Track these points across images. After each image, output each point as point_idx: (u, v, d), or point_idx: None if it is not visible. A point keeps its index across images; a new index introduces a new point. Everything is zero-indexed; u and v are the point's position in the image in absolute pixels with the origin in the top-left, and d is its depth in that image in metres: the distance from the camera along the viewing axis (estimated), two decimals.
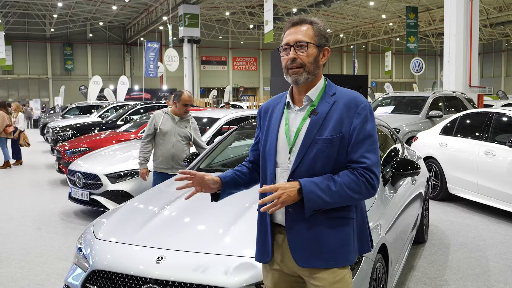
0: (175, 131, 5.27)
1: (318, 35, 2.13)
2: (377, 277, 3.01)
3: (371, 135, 2.06)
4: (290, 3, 34.18)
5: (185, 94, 5.31)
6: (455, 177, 7.28)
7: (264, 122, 2.25)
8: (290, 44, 2.12)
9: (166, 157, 5.24)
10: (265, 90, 48.28)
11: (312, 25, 2.14)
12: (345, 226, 2.08)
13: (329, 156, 2.04)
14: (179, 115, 5.33)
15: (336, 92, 2.13)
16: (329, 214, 2.05)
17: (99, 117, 16.00)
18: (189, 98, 5.32)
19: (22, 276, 4.67)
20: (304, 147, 2.06)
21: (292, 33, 2.13)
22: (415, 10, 27.71)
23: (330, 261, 2.06)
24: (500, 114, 6.94)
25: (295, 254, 2.08)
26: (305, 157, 2.05)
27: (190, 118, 5.43)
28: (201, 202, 3.56)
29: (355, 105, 2.07)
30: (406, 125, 10.07)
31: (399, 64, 55.69)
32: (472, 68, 13.20)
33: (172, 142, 5.24)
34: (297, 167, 2.06)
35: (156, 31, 41.98)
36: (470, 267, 4.76)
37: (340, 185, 1.99)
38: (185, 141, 5.32)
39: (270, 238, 2.15)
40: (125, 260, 2.82)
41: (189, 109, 5.35)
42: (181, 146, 5.28)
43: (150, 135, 5.33)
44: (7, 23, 39.71)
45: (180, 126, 5.31)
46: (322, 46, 2.15)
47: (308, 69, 2.10)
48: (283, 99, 2.23)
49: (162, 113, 5.35)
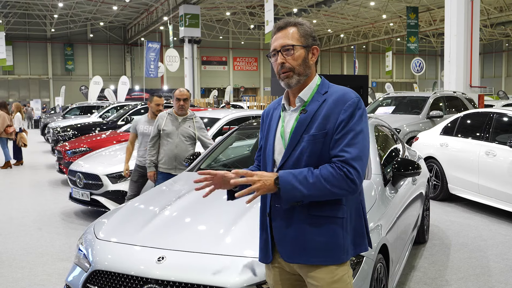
0: (178, 131, 5.23)
1: (304, 35, 2.13)
2: (378, 277, 3.01)
3: (354, 129, 2.01)
4: (291, 3, 34.19)
5: (177, 90, 5.34)
6: (456, 177, 7.28)
7: (265, 126, 2.30)
8: (277, 49, 2.12)
9: (170, 158, 5.22)
10: (265, 90, 48.27)
11: (297, 27, 2.13)
12: (331, 224, 2.06)
13: (312, 152, 2.05)
14: (180, 113, 5.29)
15: (328, 90, 2.13)
16: (312, 212, 2.05)
17: (99, 117, 16.01)
18: (180, 93, 5.26)
19: (23, 277, 4.67)
20: (291, 145, 2.09)
21: (278, 38, 2.14)
22: (416, 10, 27.71)
23: (313, 259, 2.06)
24: (501, 114, 6.94)
25: (280, 249, 2.13)
26: (291, 154, 2.09)
27: (194, 117, 5.38)
28: (202, 203, 3.57)
29: (343, 102, 2.05)
30: (407, 125, 10.06)
31: (400, 64, 55.71)
32: (472, 68, 13.20)
33: (175, 143, 5.21)
34: (284, 164, 2.10)
35: (156, 31, 42.02)
36: (471, 267, 4.75)
37: (317, 177, 1.97)
38: (189, 141, 5.26)
39: (270, 238, 2.17)
40: (126, 260, 2.82)
41: (184, 104, 5.24)
42: (185, 146, 5.23)
43: (154, 137, 5.31)
44: (8, 23, 39.75)
45: (184, 126, 5.27)
46: (310, 46, 2.14)
47: (298, 72, 2.11)
48: (281, 102, 2.26)
49: (166, 114, 5.33)
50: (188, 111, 5.38)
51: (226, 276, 2.56)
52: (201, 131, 5.35)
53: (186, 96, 5.27)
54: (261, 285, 2.51)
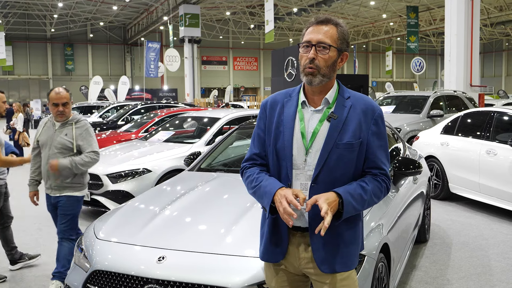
0: (51, 141, 4.12)
1: (341, 38, 2.08)
2: (379, 276, 3.01)
3: (385, 142, 2.12)
4: (291, 2, 34.17)
5: (53, 91, 4.15)
6: (457, 176, 7.27)
7: (272, 117, 2.15)
8: (312, 43, 2.05)
9: (44, 176, 4.22)
10: (266, 90, 48.29)
11: (337, 27, 2.08)
12: (357, 226, 2.14)
13: (349, 160, 2.05)
14: (59, 120, 4.17)
15: (350, 95, 2.12)
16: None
17: (99, 117, 16.02)
18: (57, 96, 4.10)
19: (22, 277, 4.67)
20: (326, 151, 2.03)
21: (315, 32, 2.06)
22: (416, 10, 27.71)
23: (349, 263, 2.10)
24: (501, 113, 6.93)
25: (319, 259, 2.07)
26: (327, 161, 2.03)
27: (76, 121, 4.18)
28: (202, 202, 3.56)
29: (372, 111, 2.09)
30: (407, 124, 10.06)
31: (400, 64, 55.70)
32: (473, 67, 13.20)
33: (47, 156, 4.13)
34: (320, 171, 2.04)
35: (156, 31, 42.02)
36: (472, 266, 4.74)
37: (369, 194, 2.04)
38: (65, 153, 4.08)
39: (287, 239, 2.12)
40: (126, 260, 2.81)
41: (64, 110, 4.11)
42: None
43: (34, 149, 4.31)
44: (8, 23, 39.76)
45: (58, 135, 4.12)
46: (342, 51, 2.10)
47: (323, 72, 2.05)
48: (294, 96, 2.16)
49: (47, 120, 4.29)
50: (71, 115, 4.23)
51: (227, 275, 2.55)
52: (82, 139, 4.14)
53: (65, 99, 4.12)
54: (262, 284, 2.50)
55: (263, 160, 2.20)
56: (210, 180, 4.04)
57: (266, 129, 2.18)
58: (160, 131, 8.45)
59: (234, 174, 4.19)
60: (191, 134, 8.27)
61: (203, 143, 7.28)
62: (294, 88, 2.20)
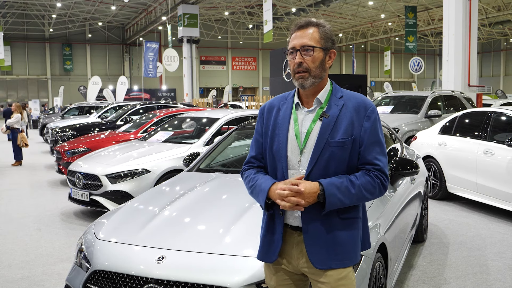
0: None
1: (324, 38, 2.14)
2: (377, 276, 3.03)
3: (380, 137, 2.13)
4: (289, 2, 34.18)
5: None
6: (454, 176, 7.30)
7: (269, 120, 2.23)
8: (296, 48, 2.12)
9: None
10: (264, 90, 48.26)
11: (318, 28, 2.14)
12: (355, 225, 2.15)
13: (342, 158, 2.08)
14: None
15: (344, 94, 2.16)
16: (342, 215, 2.10)
17: (98, 117, 16.00)
18: None
19: (22, 277, 4.68)
20: (318, 149, 2.08)
21: (298, 37, 2.13)
22: (414, 10, 27.73)
23: (345, 261, 2.11)
24: (499, 113, 6.96)
25: (312, 255, 2.10)
26: (319, 160, 2.08)
27: None
28: (202, 202, 3.58)
29: (364, 108, 2.11)
30: (405, 124, 10.08)
31: (398, 64, 55.71)
32: (471, 67, 13.23)
33: None
34: (312, 169, 2.08)
35: (155, 31, 41.97)
36: (469, 265, 4.77)
37: (358, 187, 2.05)
38: None
39: (280, 239, 2.16)
40: (126, 260, 2.83)
41: None
42: None
43: None
44: (6, 23, 39.70)
45: None
46: (328, 49, 2.15)
47: (314, 74, 2.11)
48: (289, 99, 2.22)
49: None
50: None
51: (226, 275, 2.57)
52: None
53: None
54: (261, 284, 2.52)
55: (260, 163, 2.28)
56: (209, 180, 4.06)
57: (263, 132, 2.25)
58: (159, 131, 8.47)
59: (233, 175, 4.21)
60: (190, 134, 8.29)
61: (202, 144, 7.30)
62: (290, 92, 2.27)
